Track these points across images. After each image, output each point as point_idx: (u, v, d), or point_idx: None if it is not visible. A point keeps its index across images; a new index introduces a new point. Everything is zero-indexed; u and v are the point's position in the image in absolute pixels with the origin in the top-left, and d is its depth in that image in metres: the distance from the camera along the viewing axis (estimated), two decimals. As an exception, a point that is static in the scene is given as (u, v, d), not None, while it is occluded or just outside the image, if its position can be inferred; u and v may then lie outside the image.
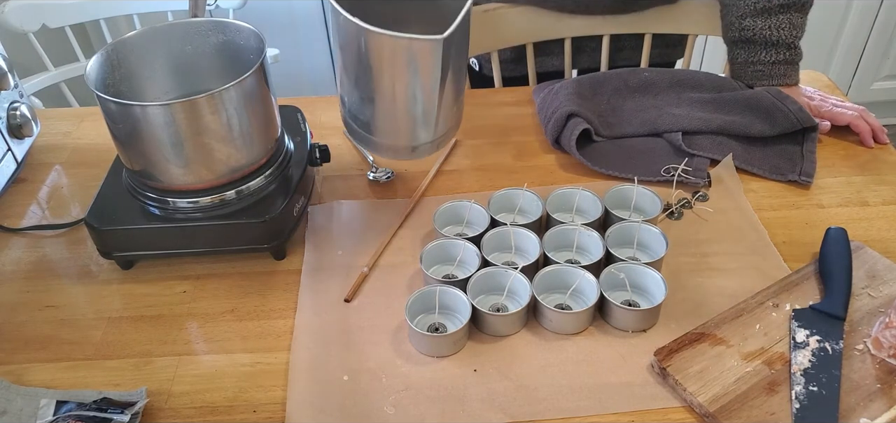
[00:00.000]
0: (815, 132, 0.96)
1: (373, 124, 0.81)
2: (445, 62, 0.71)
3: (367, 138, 0.84)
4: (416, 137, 0.81)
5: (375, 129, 0.81)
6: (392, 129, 0.81)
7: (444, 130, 0.83)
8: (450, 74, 0.74)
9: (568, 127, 0.96)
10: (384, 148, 0.84)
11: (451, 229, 0.84)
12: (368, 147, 0.86)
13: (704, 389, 0.64)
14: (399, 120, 0.79)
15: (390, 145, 0.83)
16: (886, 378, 0.65)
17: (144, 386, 0.68)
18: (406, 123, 0.79)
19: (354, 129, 0.84)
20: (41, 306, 0.79)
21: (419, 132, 0.80)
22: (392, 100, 0.77)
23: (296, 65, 2.27)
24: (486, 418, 0.65)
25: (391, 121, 0.80)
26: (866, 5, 2.15)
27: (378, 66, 0.73)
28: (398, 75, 0.73)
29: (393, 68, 0.73)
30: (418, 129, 0.80)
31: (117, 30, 1.77)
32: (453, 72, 0.75)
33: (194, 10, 0.84)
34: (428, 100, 0.76)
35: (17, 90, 0.98)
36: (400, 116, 0.78)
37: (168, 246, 0.81)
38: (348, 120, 0.85)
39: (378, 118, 0.80)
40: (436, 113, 0.77)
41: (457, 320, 0.73)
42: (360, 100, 0.79)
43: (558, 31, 1.19)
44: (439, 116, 0.78)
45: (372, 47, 0.72)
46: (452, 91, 0.78)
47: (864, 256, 0.78)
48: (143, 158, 0.78)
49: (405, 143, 0.82)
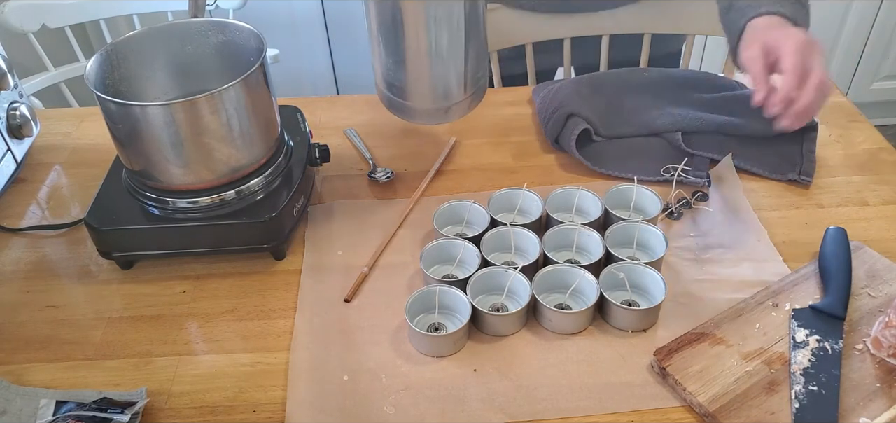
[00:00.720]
0: (815, 132, 0.96)
1: (407, 89, 0.85)
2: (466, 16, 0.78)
3: (402, 105, 0.88)
4: (448, 95, 0.86)
5: (409, 93, 0.86)
6: (425, 90, 0.85)
7: (473, 92, 0.88)
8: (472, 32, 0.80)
9: (568, 127, 0.96)
10: (419, 113, 0.89)
11: (450, 229, 0.85)
12: (405, 115, 0.90)
13: (704, 389, 0.64)
14: (430, 77, 0.84)
15: (425, 109, 0.88)
16: (886, 378, 0.65)
17: (144, 386, 0.68)
18: (437, 80, 0.84)
19: (391, 98, 0.89)
20: (41, 306, 0.79)
21: (451, 89, 0.85)
22: (419, 55, 0.82)
23: (296, 65, 2.26)
24: (486, 418, 0.65)
25: (423, 80, 0.84)
26: (866, 5, 2.15)
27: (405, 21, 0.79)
28: (422, 27, 0.79)
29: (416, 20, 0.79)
30: (450, 85, 0.84)
31: (117, 30, 1.77)
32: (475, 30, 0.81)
33: (194, 10, 0.84)
34: (454, 51, 0.81)
35: (17, 90, 0.98)
36: (430, 72, 0.83)
37: (168, 246, 0.81)
38: (384, 91, 0.89)
39: (410, 81, 0.85)
40: (462, 66, 0.83)
41: (457, 320, 0.73)
42: (393, 65, 0.84)
43: (558, 32, 1.19)
44: (468, 69, 0.84)
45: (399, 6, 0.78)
46: (476, 52, 0.84)
47: (864, 255, 0.78)
48: (143, 159, 0.78)
49: (438, 104, 0.87)
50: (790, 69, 0.77)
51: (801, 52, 0.77)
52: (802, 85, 0.77)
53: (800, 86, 0.77)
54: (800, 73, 0.77)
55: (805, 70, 0.77)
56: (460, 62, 0.83)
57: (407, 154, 1.00)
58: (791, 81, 0.77)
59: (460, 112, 0.90)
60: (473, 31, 0.83)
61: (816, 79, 0.77)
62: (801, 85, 0.77)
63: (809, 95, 0.77)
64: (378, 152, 1.00)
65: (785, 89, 0.77)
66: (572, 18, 1.18)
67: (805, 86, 0.77)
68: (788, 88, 0.77)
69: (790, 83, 0.77)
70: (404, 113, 0.91)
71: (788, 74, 0.77)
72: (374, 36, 0.85)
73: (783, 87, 0.77)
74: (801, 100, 0.77)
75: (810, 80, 0.77)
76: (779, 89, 0.78)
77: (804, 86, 0.77)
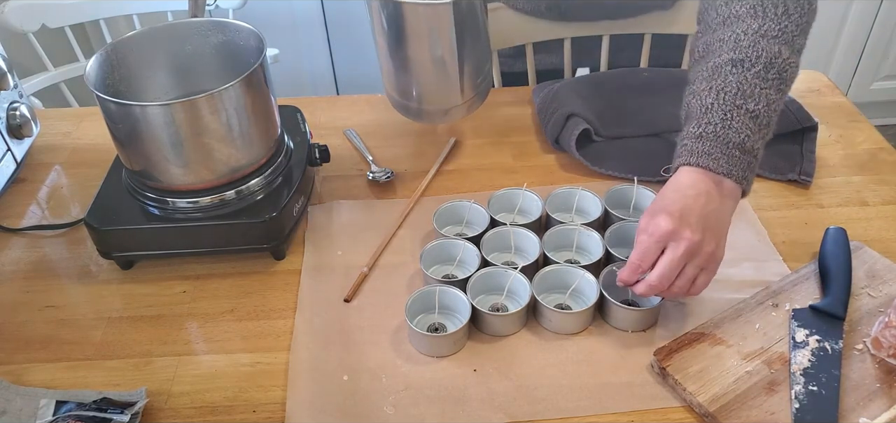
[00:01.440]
0: (815, 132, 0.96)
1: (408, 91, 0.92)
2: (458, 25, 0.83)
3: (404, 106, 0.95)
4: (448, 99, 0.91)
5: (411, 95, 0.92)
6: (424, 93, 0.91)
7: (472, 96, 0.93)
8: (468, 40, 0.86)
9: (568, 127, 0.96)
10: (421, 113, 0.95)
11: (450, 229, 0.85)
12: (408, 115, 0.96)
13: (704, 389, 0.64)
14: (429, 84, 0.90)
15: (425, 110, 0.94)
16: (886, 378, 0.65)
17: (144, 386, 0.68)
18: (435, 87, 0.91)
19: (395, 98, 0.95)
20: (41, 306, 0.79)
21: (449, 96, 0.91)
22: (418, 63, 0.88)
23: (296, 65, 2.26)
24: (486, 418, 0.65)
25: (422, 85, 0.91)
26: (866, 5, 2.15)
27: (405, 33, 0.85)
28: (421, 39, 0.85)
29: (416, 33, 0.85)
30: (448, 92, 0.90)
31: (117, 30, 1.77)
32: (470, 40, 0.86)
33: (194, 10, 0.84)
34: (450, 61, 0.86)
35: (17, 90, 0.98)
36: (430, 79, 0.90)
37: (168, 246, 0.81)
38: (389, 90, 0.95)
39: (412, 85, 0.91)
40: (458, 75, 0.88)
41: (456, 320, 0.73)
42: (396, 69, 0.91)
43: (558, 32, 1.19)
44: (463, 78, 0.89)
45: (397, 16, 0.84)
46: (474, 59, 0.89)
47: (864, 255, 0.78)
48: (143, 158, 0.78)
49: (438, 106, 0.93)
50: (657, 278, 0.66)
51: (673, 264, 0.66)
52: (668, 290, 0.67)
53: (665, 290, 0.67)
54: (668, 284, 0.67)
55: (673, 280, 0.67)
56: (456, 69, 0.86)
57: (407, 154, 1.00)
58: (657, 287, 0.67)
59: (461, 114, 0.93)
60: (471, 40, 0.87)
61: (681, 290, 0.67)
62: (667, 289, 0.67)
63: (672, 294, 0.68)
64: (378, 152, 1.00)
65: (649, 286, 0.67)
66: (573, 23, 1.18)
67: (671, 291, 0.67)
68: (651, 289, 0.67)
69: (655, 288, 0.67)
70: (407, 113, 0.95)
71: (655, 280, 0.66)
72: (379, 43, 0.89)
73: (649, 283, 0.67)
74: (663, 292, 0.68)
75: (675, 289, 0.67)
76: (646, 281, 0.67)
77: (670, 292, 0.67)
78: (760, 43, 0.70)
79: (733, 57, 0.70)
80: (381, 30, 0.87)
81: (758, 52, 0.70)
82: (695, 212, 0.66)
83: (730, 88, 0.69)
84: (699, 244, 0.65)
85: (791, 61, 0.71)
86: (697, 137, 0.70)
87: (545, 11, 1.13)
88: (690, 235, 0.65)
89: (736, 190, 0.69)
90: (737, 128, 0.68)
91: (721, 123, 0.69)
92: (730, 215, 0.69)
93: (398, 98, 0.95)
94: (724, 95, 0.69)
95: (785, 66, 0.70)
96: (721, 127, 0.69)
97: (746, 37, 0.71)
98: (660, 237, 0.66)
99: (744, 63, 0.70)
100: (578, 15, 1.15)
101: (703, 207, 0.66)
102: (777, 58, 0.70)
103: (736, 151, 0.68)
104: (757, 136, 0.69)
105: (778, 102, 0.71)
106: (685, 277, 0.66)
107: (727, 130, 0.68)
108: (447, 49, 0.85)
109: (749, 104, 0.69)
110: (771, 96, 0.70)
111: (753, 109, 0.69)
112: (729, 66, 0.70)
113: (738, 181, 0.68)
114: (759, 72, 0.69)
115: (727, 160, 0.68)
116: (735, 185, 0.69)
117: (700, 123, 0.70)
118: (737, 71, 0.70)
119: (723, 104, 0.69)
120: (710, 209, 0.67)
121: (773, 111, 0.70)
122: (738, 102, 0.69)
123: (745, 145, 0.68)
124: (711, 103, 0.70)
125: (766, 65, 0.70)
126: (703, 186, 0.68)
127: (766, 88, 0.69)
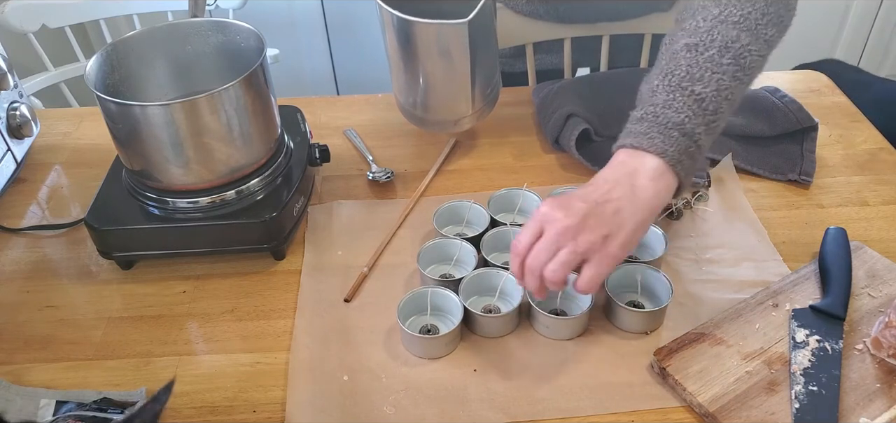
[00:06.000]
0: (815, 132, 0.96)
1: (419, 102, 0.93)
2: (473, 42, 0.83)
3: (415, 116, 0.96)
4: (457, 111, 0.92)
5: (422, 106, 0.93)
6: (436, 105, 0.93)
7: (482, 106, 0.94)
8: (479, 54, 0.86)
9: (568, 127, 0.96)
10: (431, 123, 0.96)
11: (450, 229, 0.84)
12: (418, 124, 0.98)
13: (704, 389, 0.64)
14: (441, 97, 0.92)
15: (436, 120, 0.95)
16: (886, 378, 0.65)
17: (144, 386, 0.68)
18: (446, 100, 0.92)
19: (406, 109, 0.96)
20: (41, 306, 0.79)
21: (460, 107, 0.92)
22: (432, 78, 0.89)
23: (296, 65, 2.26)
24: (486, 418, 0.65)
25: (434, 98, 0.92)
26: (866, 5, 2.15)
27: (418, 49, 0.86)
28: (434, 55, 0.86)
29: (429, 50, 0.86)
30: (459, 104, 0.91)
31: (117, 30, 1.77)
32: (482, 53, 0.87)
33: (194, 10, 0.84)
34: (463, 76, 0.87)
35: (17, 90, 0.98)
36: (442, 93, 0.91)
37: (168, 246, 0.81)
38: (398, 97, 0.97)
39: (422, 96, 0.92)
40: (470, 89, 0.88)
41: (449, 322, 0.73)
42: (406, 80, 0.92)
43: (558, 32, 1.19)
44: (475, 91, 0.90)
45: (411, 34, 0.85)
46: (485, 71, 0.90)
47: (864, 256, 0.78)
48: (143, 159, 0.78)
49: (448, 117, 0.94)
50: (528, 256, 0.64)
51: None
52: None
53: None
54: (538, 265, 0.63)
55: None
56: (469, 83, 0.88)
57: (407, 154, 1.00)
58: (527, 266, 0.64)
59: (470, 123, 0.95)
60: (483, 53, 0.88)
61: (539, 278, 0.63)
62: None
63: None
64: (378, 152, 1.00)
65: (519, 267, 0.65)
66: (574, 23, 1.18)
67: (546, 279, 0.63)
68: (520, 270, 0.65)
69: (525, 267, 0.64)
70: (418, 122, 0.97)
71: (528, 257, 0.64)
72: (390, 53, 0.90)
73: (521, 261, 0.64)
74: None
75: (547, 273, 0.63)
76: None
77: (546, 280, 0.63)
78: (718, 28, 0.66)
79: (688, 41, 0.67)
80: (393, 43, 0.88)
81: (713, 37, 0.66)
82: (588, 198, 0.62)
83: (679, 70, 0.66)
84: (573, 229, 0.61)
85: (751, 48, 0.66)
86: (638, 119, 0.67)
87: (543, 14, 1.13)
88: (563, 217, 0.61)
89: (667, 174, 0.64)
90: (677, 107, 0.65)
91: (662, 104, 0.65)
92: (649, 204, 0.63)
93: (407, 107, 0.96)
94: (671, 77, 0.66)
95: (743, 53, 0.66)
96: (661, 107, 0.65)
97: (705, 22, 0.67)
98: (537, 219, 0.63)
99: (698, 47, 0.66)
100: (577, 18, 1.15)
101: (603, 195, 0.62)
102: (734, 43, 0.66)
103: (674, 131, 0.64)
104: (699, 120, 0.65)
105: (732, 89, 0.66)
106: (559, 260, 0.61)
107: (667, 109, 0.65)
108: (461, 65, 0.85)
109: (696, 87, 0.65)
110: (723, 82, 0.65)
111: (700, 93, 0.65)
112: (683, 51, 0.67)
113: (672, 163, 0.64)
114: (712, 56, 0.66)
115: (663, 139, 0.64)
116: (667, 167, 0.64)
117: (644, 105, 0.67)
118: (690, 54, 0.66)
119: (668, 86, 0.66)
120: (613, 196, 0.62)
121: (725, 99, 0.65)
122: (685, 84, 0.65)
123: (684, 127, 0.64)
124: (657, 85, 0.67)
125: (720, 49, 0.66)
126: (623, 169, 0.64)
127: (718, 73, 0.65)
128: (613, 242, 0.61)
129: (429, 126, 0.98)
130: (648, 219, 0.64)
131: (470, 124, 0.95)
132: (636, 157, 0.65)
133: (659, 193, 0.64)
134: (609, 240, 0.61)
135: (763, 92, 0.99)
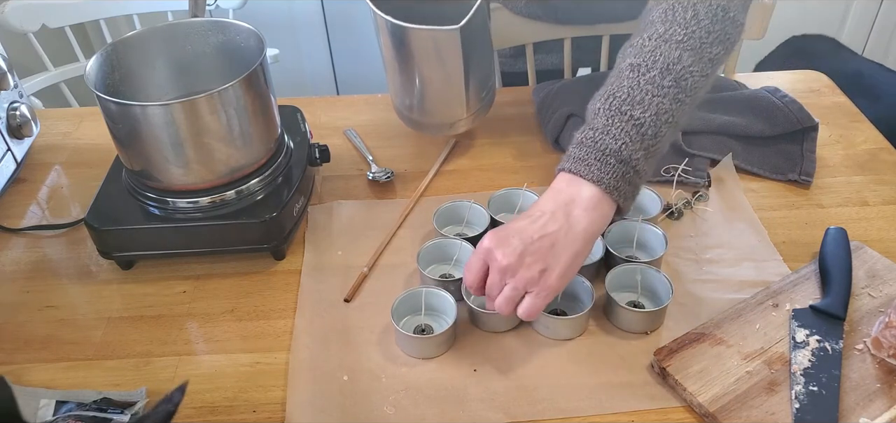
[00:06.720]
0: (815, 132, 0.96)
1: (415, 105, 0.93)
2: (466, 47, 0.83)
3: (411, 118, 0.96)
4: (452, 114, 0.93)
5: (417, 109, 0.94)
6: (431, 108, 0.93)
7: (477, 109, 0.94)
8: (473, 59, 0.86)
9: (568, 127, 0.96)
10: (427, 125, 0.97)
11: (450, 229, 0.84)
12: (414, 127, 0.98)
13: (704, 389, 0.64)
14: (435, 101, 0.92)
15: (431, 123, 0.96)
16: (886, 378, 0.65)
17: (144, 386, 0.68)
18: (441, 103, 0.92)
19: (402, 111, 0.97)
20: (41, 306, 0.79)
21: (455, 110, 0.92)
22: (426, 82, 0.90)
23: (296, 65, 2.26)
24: (486, 418, 0.65)
25: (429, 101, 0.92)
26: (866, 5, 2.15)
27: (411, 54, 0.87)
28: (427, 60, 0.87)
29: (422, 54, 0.86)
30: (453, 107, 0.92)
31: (117, 30, 1.77)
32: (476, 58, 0.87)
33: (194, 10, 0.84)
34: (456, 81, 0.87)
35: (17, 90, 0.98)
36: (436, 96, 0.92)
37: (168, 246, 0.81)
38: (396, 103, 0.97)
39: (417, 100, 0.92)
40: (464, 93, 0.89)
41: (444, 322, 0.73)
42: (401, 84, 0.92)
43: (558, 33, 1.19)
44: (469, 94, 0.90)
45: (404, 39, 0.85)
46: (479, 74, 0.90)
47: (864, 256, 0.78)
48: (143, 159, 0.78)
49: (444, 120, 0.94)
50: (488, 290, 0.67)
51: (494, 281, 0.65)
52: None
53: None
54: (493, 299, 0.66)
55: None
56: (462, 87, 0.88)
57: (407, 154, 1.00)
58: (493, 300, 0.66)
59: (466, 126, 0.95)
60: (477, 57, 0.88)
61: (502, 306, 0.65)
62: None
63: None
64: (378, 152, 1.00)
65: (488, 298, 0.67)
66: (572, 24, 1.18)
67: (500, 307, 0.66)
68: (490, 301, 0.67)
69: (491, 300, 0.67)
70: (413, 125, 0.98)
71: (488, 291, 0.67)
72: (384, 56, 0.90)
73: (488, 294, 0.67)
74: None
75: (498, 305, 0.66)
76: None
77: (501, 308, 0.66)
78: (661, 47, 0.67)
79: (632, 61, 0.67)
80: (387, 48, 0.88)
81: (655, 57, 0.66)
82: (524, 236, 0.64)
83: (621, 92, 0.66)
84: (512, 268, 0.63)
85: (692, 70, 0.66)
86: (579, 143, 0.67)
87: (542, 15, 1.13)
88: (501, 257, 0.63)
89: (604, 201, 0.65)
90: (615, 134, 0.65)
91: (601, 129, 0.66)
92: (584, 235, 0.64)
93: (403, 110, 0.96)
94: (612, 100, 0.67)
95: (684, 74, 0.66)
96: (600, 133, 0.66)
97: (650, 41, 0.67)
98: (481, 254, 0.66)
99: (640, 67, 0.67)
100: (574, 20, 1.15)
101: (540, 229, 0.64)
102: (675, 64, 0.66)
103: (611, 158, 0.65)
104: (637, 145, 0.65)
105: (673, 113, 0.66)
106: (503, 296, 0.64)
107: (605, 135, 0.66)
108: (454, 70, 0.86)
109: (635, 111, 0.65)
110: (663, 105, 0.65)
111: (639, 118, 0.65)
112: (627, 71, 0.67)
113: (609, 190, 0.65)
114: (653, 77, 0.66)
115: (600, 166, 0.65)
116: (604, 194, 0.65)
117: (585, 128, 0.68)
118: (633, 75, 0.67)
119: (608, 109, 0.66)
120: (549, 231, 0.64)
121: (665, 123, 0.66)
122: (625, 108, 0.66)
123: (621, 154, 0.65)
124: (599, 108, 0.67)
125: (662, 70, 0.66)
126: (561, 198, 0.66)
127: (659, 95, 0.65)
128: (551, 275, 0.64)
129: (424, 129, 0.98)
130: (585, 249, 0.66)
131: (466, 127, 0.95)
132: (574, 183, 0.66)
133: (594, 222, 0.65)
134: (546, 274, 0.64)
135: (763, 92, 0.99)
